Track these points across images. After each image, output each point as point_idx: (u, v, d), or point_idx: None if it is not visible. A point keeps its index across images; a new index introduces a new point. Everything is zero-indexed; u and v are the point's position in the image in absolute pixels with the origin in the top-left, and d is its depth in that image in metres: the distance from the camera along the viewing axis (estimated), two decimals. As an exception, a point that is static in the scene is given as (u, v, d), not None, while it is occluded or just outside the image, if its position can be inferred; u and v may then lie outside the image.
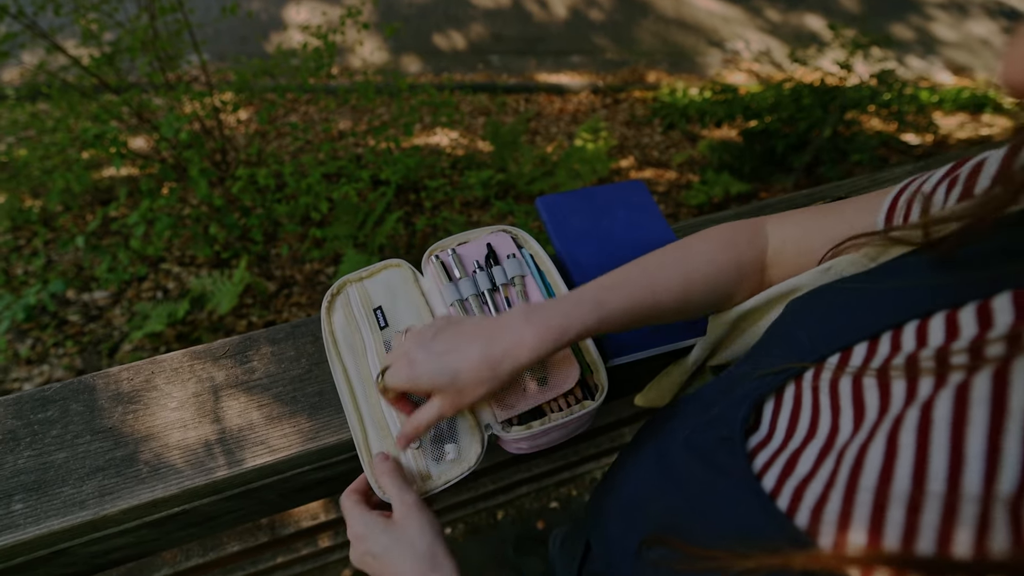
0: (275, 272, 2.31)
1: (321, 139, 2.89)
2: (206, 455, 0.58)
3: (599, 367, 0.59)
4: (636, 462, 0.50)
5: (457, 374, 0.46)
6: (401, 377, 0.48)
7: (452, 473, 0.55)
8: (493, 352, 0.46)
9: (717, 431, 0.39)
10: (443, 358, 0.46)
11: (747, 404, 0.38)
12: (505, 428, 0.55)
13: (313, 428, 0.60)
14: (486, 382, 0.46)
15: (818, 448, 0.32)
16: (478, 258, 0.67)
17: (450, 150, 3.05)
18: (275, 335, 0.66)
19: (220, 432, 0.59)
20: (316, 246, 2.32)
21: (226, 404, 0.61)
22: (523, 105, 3.52)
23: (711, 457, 0.38)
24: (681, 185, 2.96)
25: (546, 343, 0.46)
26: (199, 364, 0.64)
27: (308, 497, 0.70)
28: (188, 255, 2.35)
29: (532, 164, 2.80)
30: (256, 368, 0.64)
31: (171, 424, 0.59)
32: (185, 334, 2.07)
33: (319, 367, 0.64)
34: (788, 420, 0.36)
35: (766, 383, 0.38)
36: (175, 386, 0.62)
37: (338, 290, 0.65)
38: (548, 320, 0.46)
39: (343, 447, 0.60)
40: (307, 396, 0.62)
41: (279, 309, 2.17)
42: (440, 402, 0.48)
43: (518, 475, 1.22)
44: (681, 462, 0.41)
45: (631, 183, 0.80)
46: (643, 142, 3.34)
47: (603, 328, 0.48)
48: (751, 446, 0.36)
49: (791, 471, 0.32)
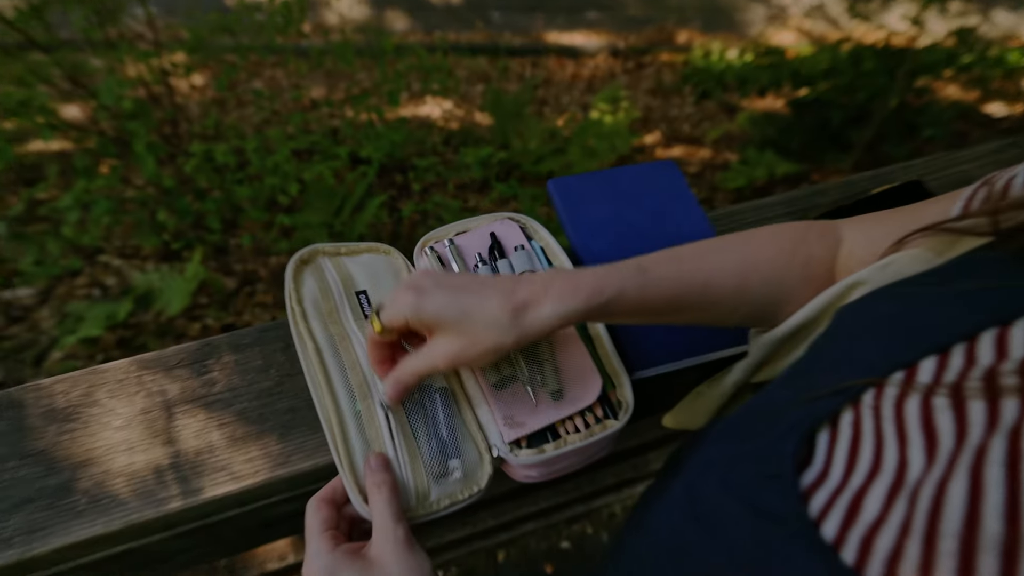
0: (235, 266, 2.32)
1: (290, 109, 2.89)
2: (156, 483, 0.58)
3: (623, 380, 0.59)
4: (664, 503, 0.49)
5: (470, 312, 0.47)
6: (403, 306, 0.48)
7: (457, 495, 0.54)
8: (515, 298, 0.47)
9: (761, 468, 0.38)
10: (458, 292, 0.47)
11: (796, 435, 0.37)
12: (513, 451, 0.55)
13: (284, 451, 0.60)
14: (502, 331, 0.46)
15: (886, 486, 0.32)
16: (480, 250, 0.67)
17: (443, 123, 3.05)
18: (239, 341, 0.66)
19: (173, 456, 0.59)
20: (284, 236, 2.33)
21: (181, 422, 0.61)
22: (529, 70, 3.53)
23: (756, 499, 0.37)
24: (717, 165, 2.96)
25: (576, 299, 0.47)
26: (148, 375, 0.64)
27: (275, 534, 0.70)
28: (131, 246, 2.35)
29: (540, 140, 2.80)
30: (216, 380, 0.64)
31: (115, 446, 0.59)
32: (127, 339, 2.07)
33: (291, 379, 0.64)
34: (847, 452, 0.35)
35: (818, 409, 0.38)
36: (120, 401, 0.62)
37: (308, 257, 0.64)
38: (580, 276, 0.48)
39: (320, 474, 0.60)
40: (277, 413, 0.62)
41: (240, 310, 2.18)
42: (441, 347, 0.48)
43: (523, 508, 1.22)
44: (718, 506, 0.41)
45: (661, 163, 0.80)
46: (671, 114, 3.34)
47: (643, 303, 0.49)
48: (805, 484, 0.35)
49: (856, 515, 0.31)
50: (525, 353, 0.59)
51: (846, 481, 0.34)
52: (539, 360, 0.59)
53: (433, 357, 0.49)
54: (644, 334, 0.67)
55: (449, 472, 0.54)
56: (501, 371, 0.58)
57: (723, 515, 0.40)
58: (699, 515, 0.42)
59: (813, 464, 0.36)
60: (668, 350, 0.66)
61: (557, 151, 2.74)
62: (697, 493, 0.44)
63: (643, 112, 3.31)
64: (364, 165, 2.49)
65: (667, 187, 0.78)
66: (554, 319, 0.47)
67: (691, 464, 0.49)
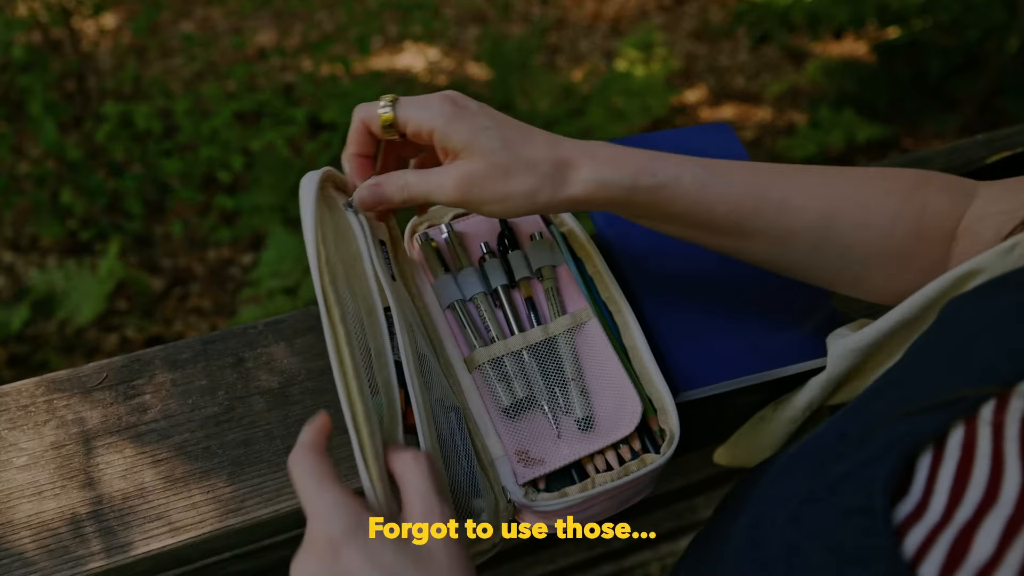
0: (163, 262, 2.33)
1: (231, 60, 2.90)
2: (72, 537, 0.58)
3: (667, 404, 0.59)
4: (719, 554, 0.49)
5: (511, 145, 0.50)
6: (436, 113, 0.51)
7: (479, 544, 0.55)
8: (560, 150, 0.51)
9: (843, 500, 0.39)
10: (503, 121, 0.52)
11: (892, 458, 0.38)
12: (528, 495, 0.56)
13: (236, 495, 0.60)
14: (538, 179, 0.50)
15: (1003, 520, 0.32)
16: (487, 238, 0.67)
17: (427, 77, 3.06)
18: (176, 355, 0.67)
19: (94, 502, 0.59)
20: (225, 222, 2.34)
21: (103, 459, 0.61)
22: (537, 7, 3.53)
23: (836, 539, 0.38)
24: (779, 129, 2.96)
25: (622, 170, 0.51)
26: (61, 399, 0.64)
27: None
28: (27, 235, 2.36)
29: (551, 98, 2.81)
30: (149, 405, 0.64)
31: (18, 490, 0.60)
32: (22, 356, 2.08)
33: (244, 403, 0.64)
34: (952, 478, 0.35)
35: (920, 425, 0.38)
36: (24, 433, 0.62)
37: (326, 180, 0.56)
38: (632, 150, 0.52)
39: (283, 523, 0.60)
40: (227, 446, 0.62)
41: (169, 318, 2.18)
42: (460, 168, 0.51)
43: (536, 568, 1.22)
44: (790, 550, 0.41)
45: (712, 126, 0.81)
46: (720, 64, 3.34)
47: (701, 204, 0.52)
48: (899, 519, 0.35)
49: (962, 557, 0.32)
50: (544, 370, 0.59)
51: (950, 514, 0.34)
52: (563, 379, 0.59)
53: (444, 176, 0.51)
54: (691, 344, 0.67)
55: (476, 514, 0.54)
56: (514, 392, 0.59)
57: (796, 561, 0.40)
58: (766, 563, 0.43)
59: (910, 494, 0.36)
60: (722, 364, 0.66)
61: (574, 113, 2.74)
62: (762, 537, 0.44)
63: (684, 61, 3.32)
64: (327, 132, 2.50)
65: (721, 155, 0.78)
66: (590, 184, 0.50)
67: (752, 503, 0.49)
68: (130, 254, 2.31)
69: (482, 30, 3.25)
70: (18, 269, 2.29)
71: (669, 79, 3.09)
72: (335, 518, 0.43)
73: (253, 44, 3.01)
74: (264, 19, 3.22)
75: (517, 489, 0.56)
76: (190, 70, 2.84)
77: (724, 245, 0.56)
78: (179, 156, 2.31)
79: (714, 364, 0.66)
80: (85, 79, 2.43)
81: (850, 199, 0.54)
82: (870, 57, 3.09)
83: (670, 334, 0.67)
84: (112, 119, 2.25)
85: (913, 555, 0.33)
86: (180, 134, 2.32)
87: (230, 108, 2.32)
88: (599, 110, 2.70)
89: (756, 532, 0.46)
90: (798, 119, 3.00)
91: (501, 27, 3.34)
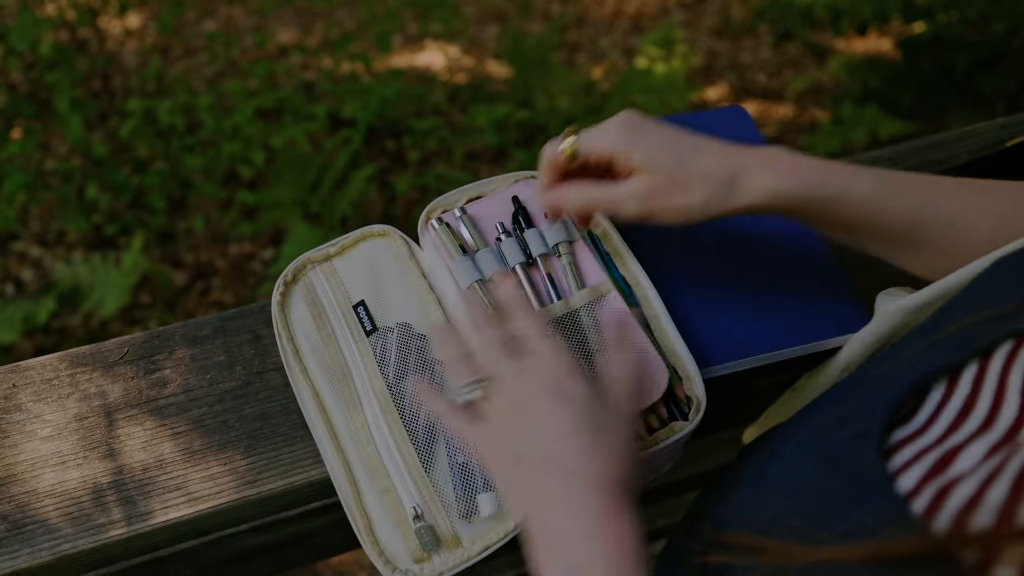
0: (185, 256, 2.35)
1: (253, 58, 2.93)
2: (94, 506, 0.59)
3: (691, 372, 0.60)
4: (730, 486, 0.52)
5: (686, 160, 0.54)
6: (615, 137, 0.56)
7: (491, 536, 0.56)
8: (734, 160, 0.54)
9: (848, 429, 0.41)
10: (677, 137, 0.55)
11: (902, 387, 0.39)
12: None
13: (252, 467, 0.61)
14: (713, 188, 0.53)
15: (989, 443, 0.34)
16: (502, 219, 0.68)
17: (447, 75, 3.07)
18: (196, 332, 0.68)
19: (115, 472, 0.61)
20: (247, 217, 2.36)
21: (124, 431, 0.63)
22: (557, 5, 3.54)
23: (833, 458, 0.40)
24: (802, 126, 2.95)
25: (798, 180, 0.53)
26: (84, 374, 0.66)
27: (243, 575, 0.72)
28: (54, 230, 2.40)
29: (571, 96, 2.81)
30: (169, 379, 0.65)
31: (42, 460, 0.61)
32: (49, 348, 2.11)
33: (261, 378, 0.65)
34: (957, 411, 0.37)
35: (935, 360, 0.40)
36: (48, 405, 0.64)
37: (294, 276, 0.67)
38: (805, 159, 0.54)
39: (297, 495, 0.61)
40: (244, 421, 0.63)
41: (191, 311, 2.21)
42: (639, 183, 0.54)
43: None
44: (787, 468, 0.44)
45: (728, 110, 0.81)
46: (742, 60, 3.33)
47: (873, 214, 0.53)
48: (893, 441, 0.38)
49: (942, 470, 0.34)
50: (568, 342, 0.60)
51: (944, 439, 0.36)
52: (587, 350, 0.60)
53: (624, 192, 0.55)
54: (709, 323, 0.67)
55: (478, 510, 0.57)
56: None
57: (791, 477, 0.43)
58: (760, 484, 0.46)
59: (911, 423, 0.38)
60: (741, 343, 0.66)
61: (593, 110, 2.74)
62: (763, 466, 0.47)
63: (705, 58, 3.30)
64: (347, 128, 2.52)
65: (735, 138, 0.78)
66: (766, 195, 0.53)
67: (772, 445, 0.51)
68: (153, 248, 2.33)
69: (502, 28, 3.26)
70: (45, 263, 2.33)
71: (690, 76, 3.09)
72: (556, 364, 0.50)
73: (275, 42, 3.04)
74: (286, 17, 3.24)
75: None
76: (213, 68, 2.87)
77: (894, 255, 0.57)
78: (201, 152, 2.34)
79: (732, 343, 0.66)
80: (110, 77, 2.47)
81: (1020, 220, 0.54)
82: (895, 53, 3.06)
83: (688, 312, 0.67)
84: (136, 116, 2.28)
85: (897, 469, 0.35)
86: (203, 130, 2.34)
87: (252, 105, 2.34)
88: (619, 108, 2.68)
89: (760, 462, 0.49)
90: (821, 116, 2.98)
91: (521, 25, 3.35)
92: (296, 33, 3.17)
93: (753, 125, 0.79)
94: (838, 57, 3.20)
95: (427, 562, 0.56)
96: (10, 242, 2.37)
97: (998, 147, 0.81)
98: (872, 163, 0.83)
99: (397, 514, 0.57)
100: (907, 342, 0.47)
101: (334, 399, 0.62)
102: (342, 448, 0.60)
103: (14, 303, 2.10)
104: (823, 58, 3.31)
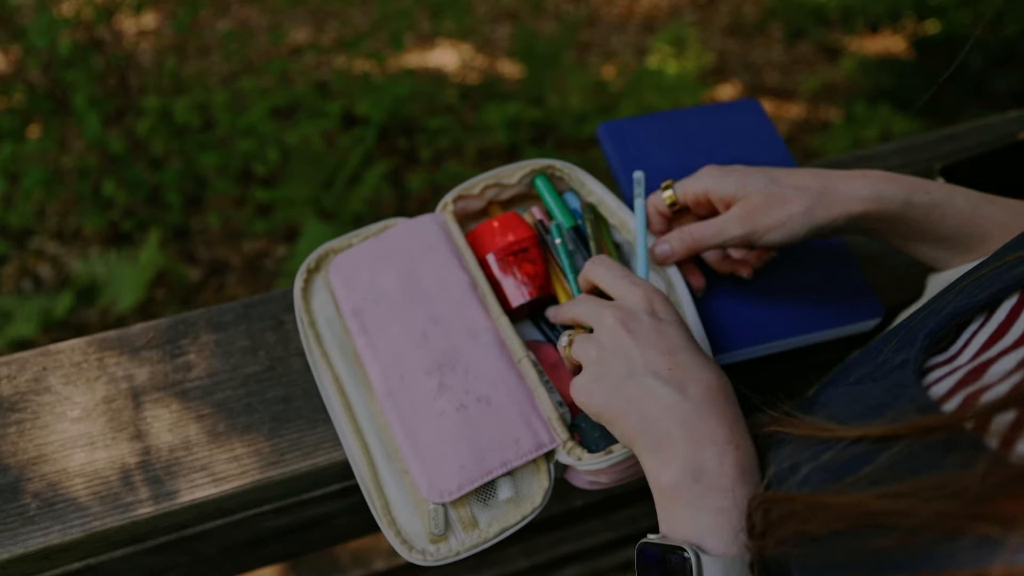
0: (200, 252, 2.37)
1: (267, 57, 2.95)
2: (122, 485, 0.61)
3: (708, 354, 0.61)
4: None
5: (778, 178, 0.58)
6: (705, 179, 0.61)
7: (509, 519, 0.57)
8: (822, 177, 0.57)
9: (898, 356, 0.43)
10: (760, 168, 0.60)
11: (942, 318, 0.42)
12: (573, 453, 0.58)
13: (276, 449, 0.63)
14: (809, 196, 0.57)
15: (1018, 358, 0.35)
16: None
17: (459, 74, 3.09)
18: (219, 317, 0.70)
19: (142, 453, 0.62)
20: (261, 214, 2.38)
21: (151, 414, 0.64)
22: (569, 5, 3.54)
23: (877, 378, 0.43)
24: (814, 125, 2.94)
25: (898, 185, 0.55)
26: (111, 357, 0.67)
27: (262, 557, 0.73)
28: (71, 226, 2.42)
29: (583, 94, 2.82)
30: (194, 364, 0.67)
31: (72, 441, 0.63)
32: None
33: (283, 363, 0.67)
34: (992, 332, 0.39)
35: (980, 291, 0.42)
36: (77, 388, 0.66)
37: (317, 264, 0.69)
38: (898, 174, 0.57)
39: (319, 476, 0.63)
40: (267, 404, 0.65)
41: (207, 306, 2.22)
42: (736, 210, 0.59)
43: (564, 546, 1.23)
44: (840, 391, 0.46)
45: (741, 103, 0.82)
46: (754, 60, 3.33)
47: (972, 222, 0.55)
48: (930, 363, 0.40)
49: (973, 380, 0.36)
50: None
51: (976, 357, 0.38)
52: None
53: (724, 218, 0.60)
54: (722, 310, 0.69)
55: (495, 493, 0.58)
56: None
57: (846, 395, 0.45)
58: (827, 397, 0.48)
59: (949, 350, 0.41)
60: (754, 329, 0.68)
61: (605, 108, 2.75)
62: (832, 391, 0.49)
63: (717, 57, 3.30)
64: (360, 126, 2.53)
65: (749, 132, 0.79)
66: (868, 200, 0.55)
67: (833, 376, 0.53)
68: (169, 244, 2.35)
69: (514, 27, 3.27)
70: (62, 259, 2.35)
71: (701, 75, 3.09)
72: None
73: (289, 41, 3.06)
74: (300, 17, 3.26)
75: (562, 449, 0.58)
76: (227, 67, 2.89)
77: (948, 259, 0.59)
78: (217, 150, 2.35)
79: (745, 329, 0.68)
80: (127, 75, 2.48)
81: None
82: (908, 53, 3.05)
83: (711, 302, 0.69)
84: (152, 113, 2.29)
85: (931, 383, 0.38)
86: (218, 128, 2.36)
87: (266, 103, 2.35)
88: (630, 105, 2.70)
89: (827, 388, 0.50)
90: (833, 115, 2.98)
91: (533, 24, 3.36)
92: (310, 32, 3.19)
93: (767, 118, 0.80)
94: (850, 57, 3.20)
95: (443, 542, 0.57)
96: (28, 238, 2.39)
97: (1010, 139, 0.81)
98: (884, 155, 0.85)
99: (414, 495, 0.59)
100: (947, 291, 0.49)
101: (353, 384, 0.63)
102: (361, 431, 0.61)
103: (32, 298, 2.12)
104: (835, 57, 3.31)
